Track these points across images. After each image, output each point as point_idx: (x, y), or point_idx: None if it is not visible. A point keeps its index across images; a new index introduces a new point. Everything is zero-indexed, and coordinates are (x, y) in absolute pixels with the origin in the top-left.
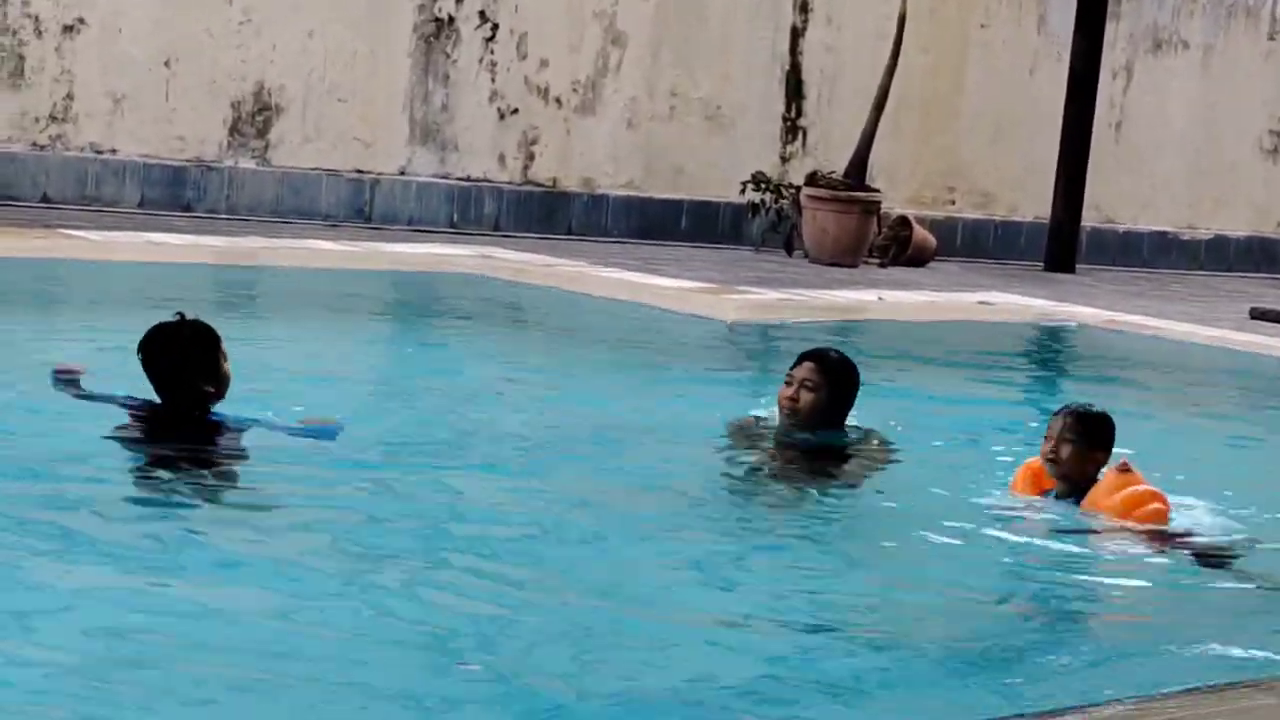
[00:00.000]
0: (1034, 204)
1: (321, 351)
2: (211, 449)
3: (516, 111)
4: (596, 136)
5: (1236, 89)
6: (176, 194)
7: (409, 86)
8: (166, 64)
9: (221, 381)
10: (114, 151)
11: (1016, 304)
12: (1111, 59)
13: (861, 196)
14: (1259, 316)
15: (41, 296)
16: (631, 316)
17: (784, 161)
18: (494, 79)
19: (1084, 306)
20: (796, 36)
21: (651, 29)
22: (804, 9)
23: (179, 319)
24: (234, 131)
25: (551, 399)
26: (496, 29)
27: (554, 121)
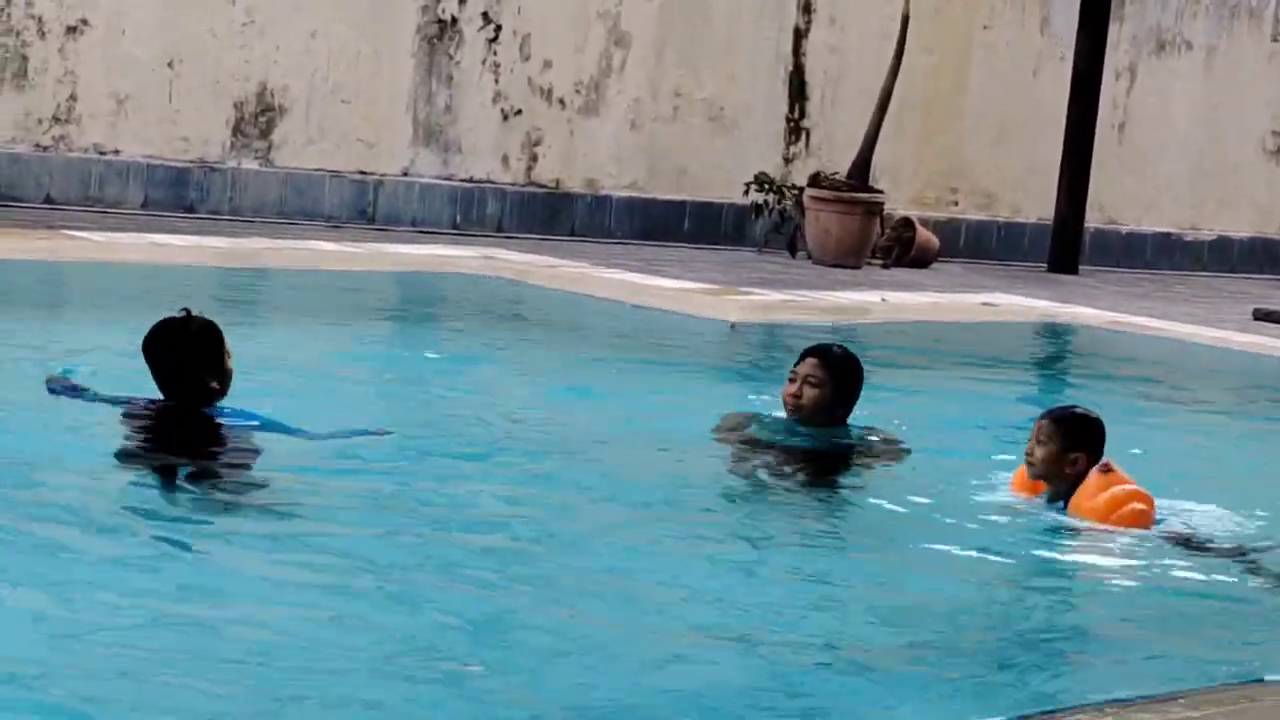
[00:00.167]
0: (1037, 205)
1: (324, 352)
2: (215, 447)
3: (520, 112)
4: (600, 137)
5: (1240, 90)
6: (180, 195)
7: (412, 87)
8: (170, 65)
9: (225, 377)
10: (117, 152)
11: (1020, 305)
12: (1115, 60)
13: (864, 197)
14: (1262, 318)
15: (45, 297)
16: (634, 318)
17: (787, 162)
18: (497, 80)
19: (1087, 307)
20: (800, 37)
21: (655, 30)
22: (807, 10)
23: (185, 314)
24: (237, 132)
25: (553, 400)
26: (500, 30)
27: (557, 122)
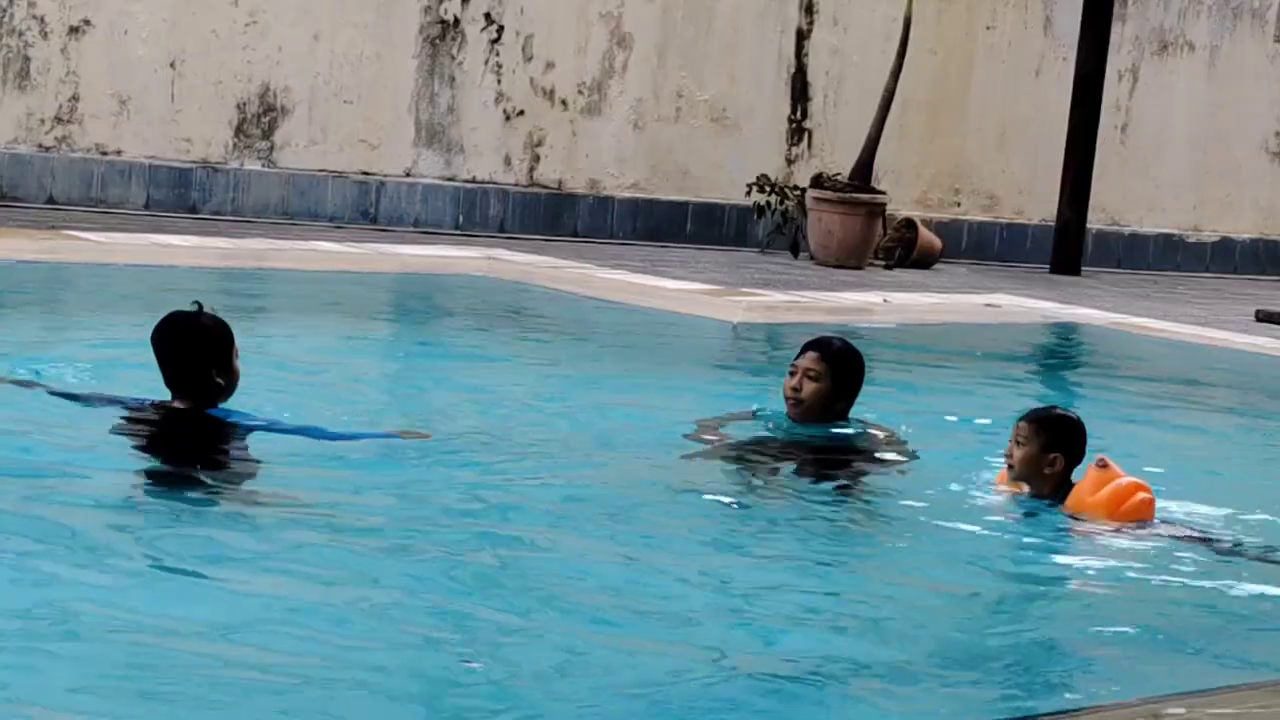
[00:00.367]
0: (1040, 206)
1: (326, 353)
2: (219, 447)
3: (522, 113)
4: (602, 138)
5: (1242, 91)
6: (182, 195)
7: (415, 88)
8: (172, 65)
9: (232, 377)
10: (120, 153)
11: (1022, 306)
12: (1117, 61)
13: (867, 198)
14: (1265, 319)
15: (47, 298)
16: (637, 318)
17: (789, 163)
18: (500, 81)
19: (1090, 309)
20: (802, 38)
21: (657, 31)
22: (809, 11)
23: (196, 308)
24: (240, 133)
25: (556, 401)
26: (502, 31)
27: (560, 123)
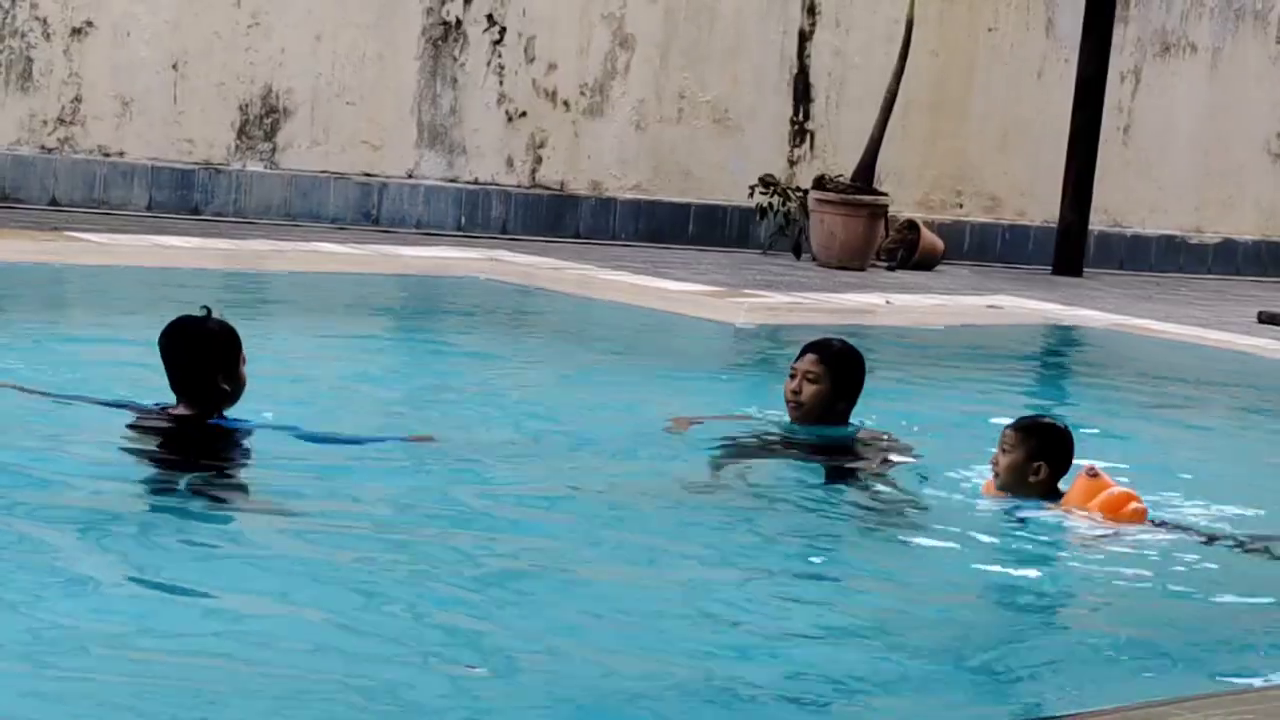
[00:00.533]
0: (1042, 207)
1: (328, 355)
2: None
3: (524, 114)
4: (604, 139)
5: (1245, 92)
6: (185, 197)
7: (417, 89)
8: (175, 67)
9: (238, 383)
10: (122, 154)
11: (1024, 307)
12: (1120, 62)
13: (869, 200)
14: (1267, 320)
15: (49, 300)
16: (639, 320)
17: (792, 165)
18: (502, 82)
19: (1092, 310)
20: (804, 40)
21: (659, 32)
22: (812, 12)
23: (205, 313)
24: (242, 134)
25: (558, 402)
26: (504, 32)
27: (562, 124)
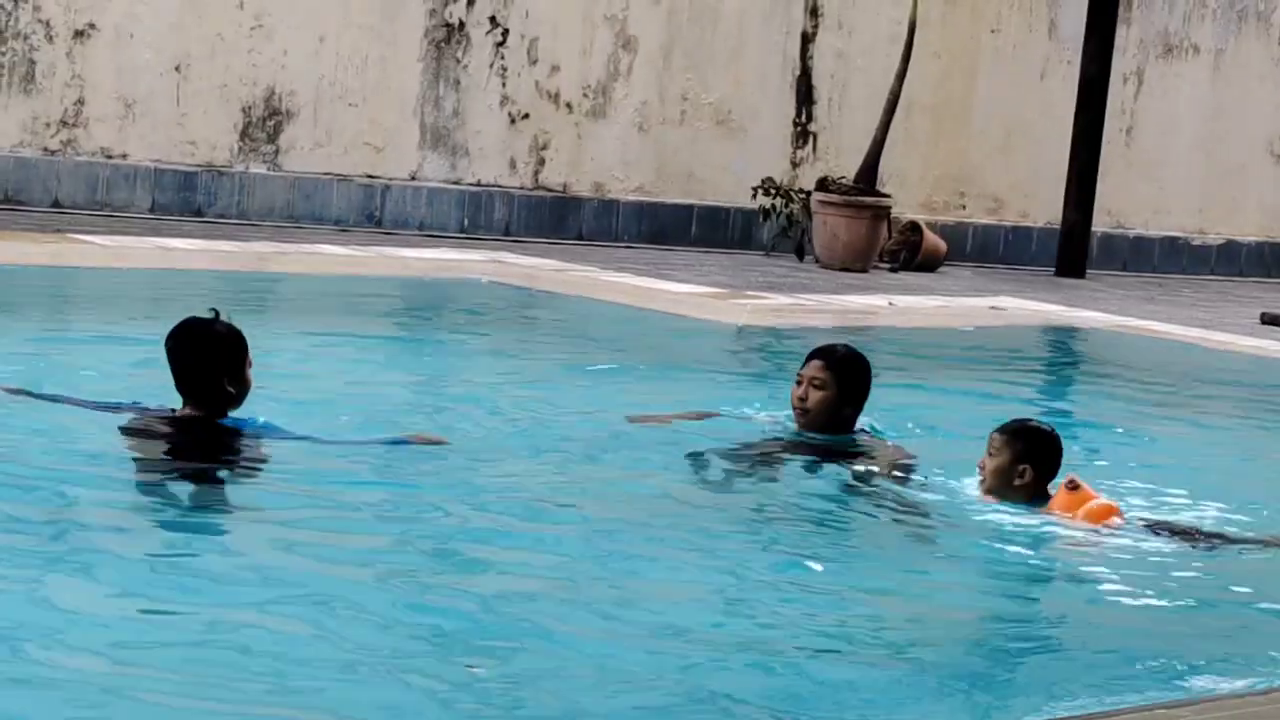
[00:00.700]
0: (1045, 209)
1: (332, 357)
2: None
3: (527, 116)
4: (607, 141)
5: (1247, 93)
6: (187, 199)
7: (420, 91)
8: (177, 69)
9: (243, 386)
10: (125, 156)
11: (1027, 309)
12: (1122, 64)
13: (872, 201)
14: (1270, 321)
15: (52, 302)
16: (642, 321)
17: (794, 166)
18: (505, 84)
19: (1095, 311)
20: (807, 41)
21: (662, 33)
22: (815, 14)
23: (213, 315)
24: (245, 136)
25: (561, 404)
26: (507, 34)
27: (565, 126)
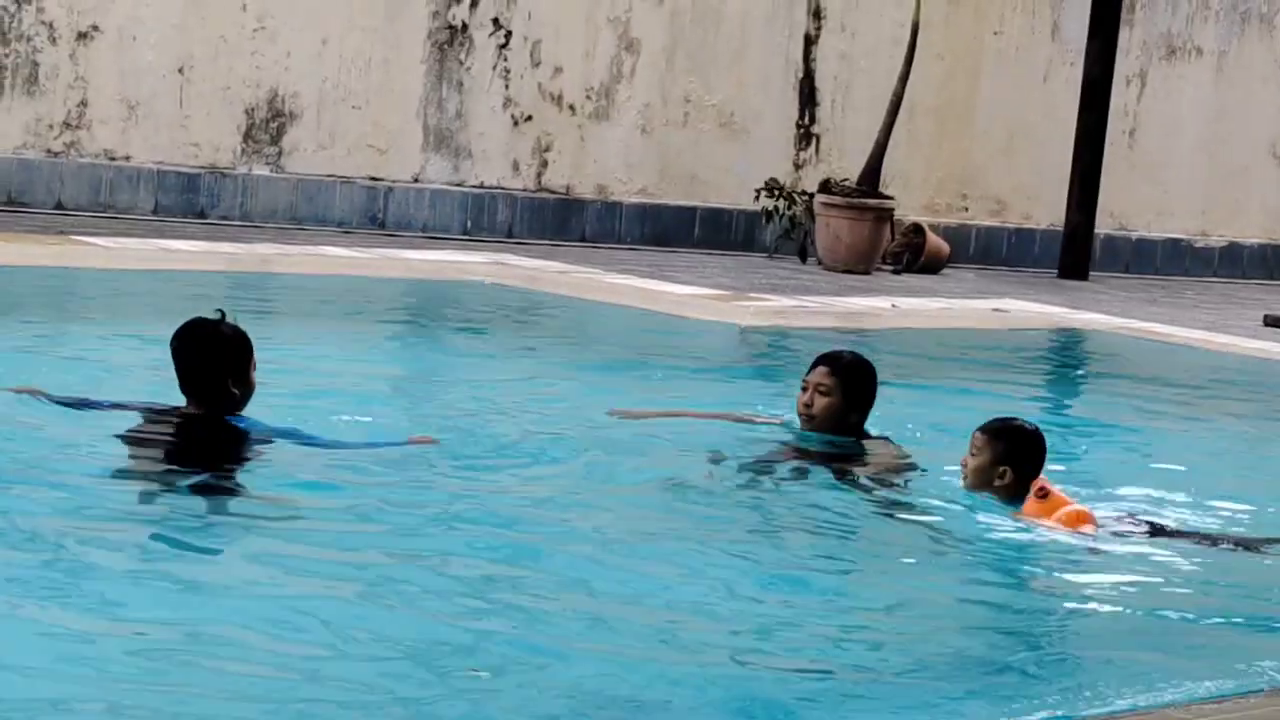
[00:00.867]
0: (1048, 211)
1: (334, 358)
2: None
3: (530, 118)
4: (610, 143)
5: (1250, 95)
6: (190, 201)
7: (423, 93)
8: (181, 71)
9: (247, 387)
10: (128, 158)
11: (1030, 311)
12: (1125, 66)
13: (875, 203)
14: (1273, 323)
15: (55, 304)
16: (645, 323)
17: (797, 168)
18: (508, 86)
19: (1098, 314)
20: (810, 43)
21: (665, 36)
22: (817, 16)
23: (219, 316)
24: (248, 138)
25: (564, 405)
26: (510, 36)
27: (568, 128)
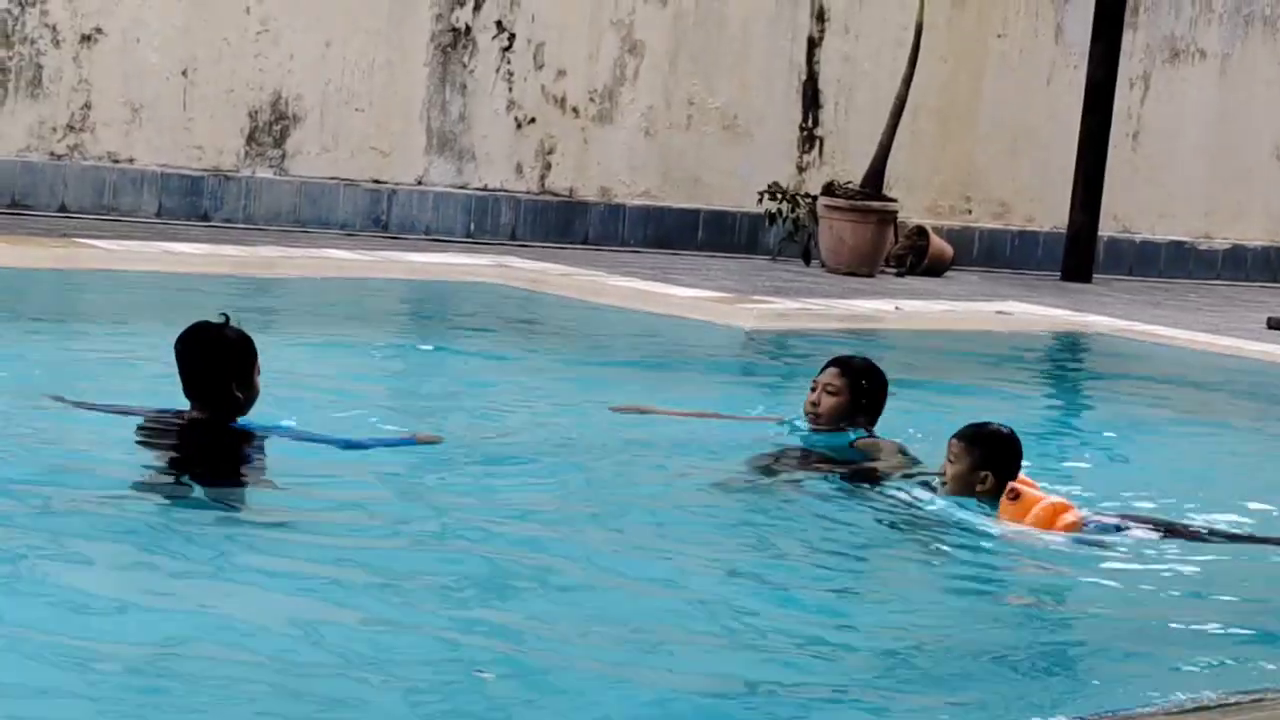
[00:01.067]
0: (1051, 214)
1: (337, 361)
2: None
3: (534, 121)
4: (613, 146)
5: (1254, 98)
6: (194, 203)
7: (426, 96)
8: (184, 73)
9: (251, 392)
10: (131, 161)
11: (1034, 314)
12: (1129, 69)
13: (878, 206)
14: (1276, 326)
15: (59, 306)
16: (648, 326)
17: (801, 171)
18: (511, 88)
19: (1101, 316)
20: (813, 46)
21: (669, 38)
22: (821, 18)
23: (223, 320)
24: (251, 141)
25: (567, 408)
26: (514, 39)
27: (571, 131)
